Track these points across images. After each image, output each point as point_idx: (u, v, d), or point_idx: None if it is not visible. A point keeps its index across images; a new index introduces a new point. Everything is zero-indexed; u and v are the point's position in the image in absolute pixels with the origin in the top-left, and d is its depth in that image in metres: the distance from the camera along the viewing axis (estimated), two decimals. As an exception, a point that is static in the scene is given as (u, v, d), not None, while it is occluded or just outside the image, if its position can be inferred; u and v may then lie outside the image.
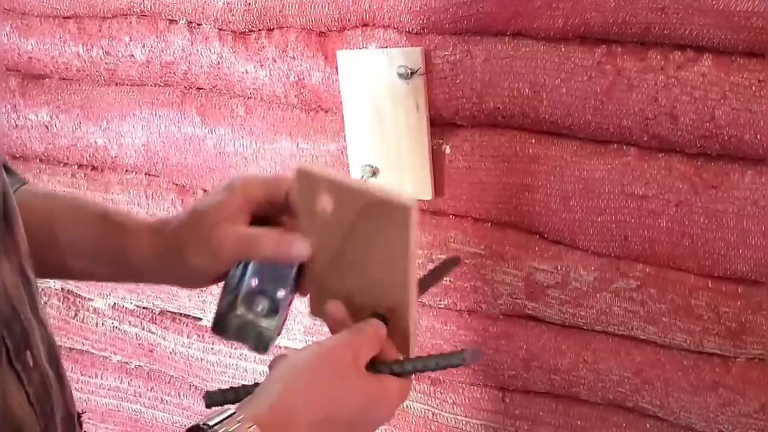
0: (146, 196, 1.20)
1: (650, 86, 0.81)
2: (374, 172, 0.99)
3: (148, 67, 1.12)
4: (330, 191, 0.57)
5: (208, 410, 0.56)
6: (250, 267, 0.62)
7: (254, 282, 0.62)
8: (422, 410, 1.09)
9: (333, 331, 0.61)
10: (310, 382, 0.53)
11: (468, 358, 0.58)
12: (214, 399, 0.60)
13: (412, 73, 0.91)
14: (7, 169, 0.67)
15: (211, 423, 0.50)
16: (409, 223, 0.55)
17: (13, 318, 0.51)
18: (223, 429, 0.50)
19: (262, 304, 0.62)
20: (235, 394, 0.59)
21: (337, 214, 0.57)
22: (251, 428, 0.49)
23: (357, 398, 0.55)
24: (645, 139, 0.84)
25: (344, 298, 0.61)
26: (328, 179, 0.57)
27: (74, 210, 0.67)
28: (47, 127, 1.23)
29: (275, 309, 0.62)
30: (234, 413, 0.50)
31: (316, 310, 0.64)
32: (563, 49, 0.85)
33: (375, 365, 0.58)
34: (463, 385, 1.06)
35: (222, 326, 0.63)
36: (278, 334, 0.62)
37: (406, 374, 0.59)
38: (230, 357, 1.24)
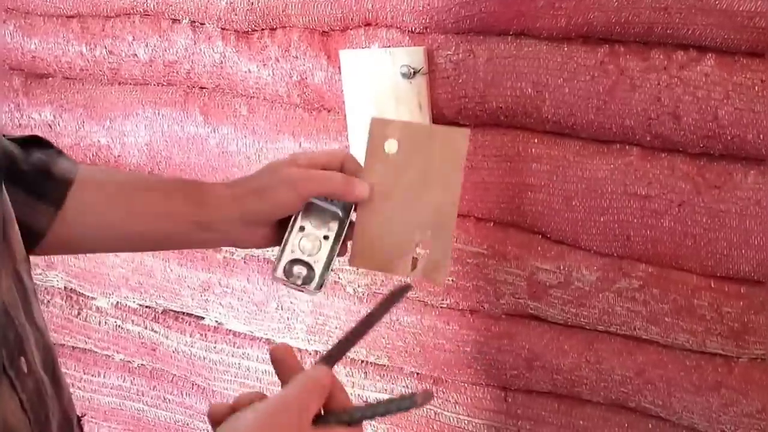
0: (149, 195, 1.20)
1: (653, 86, 0.81)
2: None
3: (151, 66, 1.12)
4: (399, 132, 0.73)
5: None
6: (301, 214, 0.73)
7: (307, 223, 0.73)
8: (424, 410, 1.09)
9: (281, 375, 0.60)
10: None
11: (419, 401, 0.56)
12: None
13: (414, 73, 0.91)
14: (60, 153, 0.72)
15: None
16: (466, 144, 0.71)
17: (7, 324, 0.50)
18: None
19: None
20: None
21: (401, 152, 0.72)
22: None
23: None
24: (648, 138, 0.84)
25: (386, 237, 0.72)
26: (399, 122, 0.74)
27: (146, 179, 0.78)
28: (50, 126, 1.23)
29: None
30: None
31: (357, 259, 0.73)
32: (566, 49, 0.85)
33: (324, 416, 0.57)
34: (466, 385, 1.06)
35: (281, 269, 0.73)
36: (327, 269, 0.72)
37: (355, 423, 0.57)
38: (232, 356, 1.24)
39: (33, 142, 0.71)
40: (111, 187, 0.73)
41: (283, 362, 0.60)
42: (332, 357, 0.61)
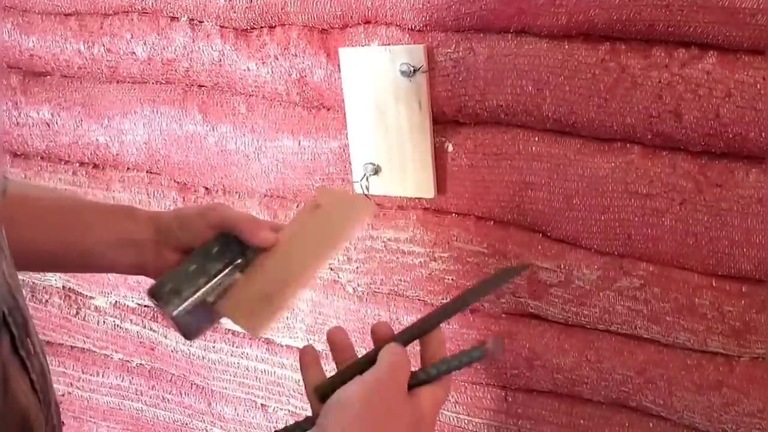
0: (148, 194, 1.20)
1: (654, 84, 0.81)
2: (376, 170, 0.99)
3: (149, 64, 1.11)
4: (326, 196, 0.76)
5: None
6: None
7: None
8: (424, 409, 1.09)
9: (337, 357, 0.66)
10: (363, 421, 0.56)
11: (491, 348, 0.60)
12: None
13: (414, 71, 0.91)
14: None
15: None
16: (365, 214, 0.72)
17: (14, 306, 0.51)
18: None
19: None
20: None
21: (319, 215, 0.74)
22: None
23: (404, 424, 0.58)
24: (649, 137, 0.84)
25: (256, 286, 0.70)
26: (331, 189, 0.76)
27: (75, 198, 0.76)
28: (48, 125, 1.22)
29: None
30: None
31: (226, 304, 0.72)
32: (567, 47, 0.84)
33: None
34: (466, 384, 1.06)
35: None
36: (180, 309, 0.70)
37: (432, 379, 0.61)
38: (231, 355, 1.23)
39: None
40: (40, 202, 0.74)
41: (341, 344, 0.66)
42: (409, 335, 0.65)
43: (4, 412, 0.46)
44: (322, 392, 0.63)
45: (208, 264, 0.72)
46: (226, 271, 0.72)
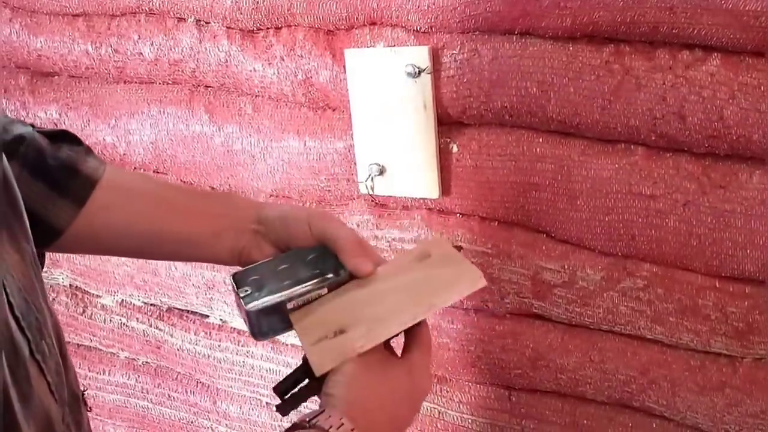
0: (154, 194, 1.20)
1: (658, 86, 0.81)
2: (381, 171, 1.00)
3: (156, 65, 1.12)
4: (438, 248, 0.72)
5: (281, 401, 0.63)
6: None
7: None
8: (429, 409, 1.09)
9: None
10: (367, 384, 0.61)
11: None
12: (284, 387, 0.65)
13: (419, 72, 0.92)
14: (89, 151, 0.72)
15: (310, 420, 0.56)
16: (473, 287, 0.65)
17: (28, 310, 0.51)
18: (320, 423, 0.55)
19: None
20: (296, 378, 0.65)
21: (425, 263, 0.70)
22: (342, 420, 0.56)
23: (397, 380, 0.62)
24: (653, 138, 0.84)
25: (336, 318, 0.65)
26: (448, 246, 0.71)
27: (176, 185, 0.78)
28: (56, 125, 1.23)
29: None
30: (323, 411, 0.57)
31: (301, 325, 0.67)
32: (571, 48, 0.85)
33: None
34: (470, 384, 1.06)
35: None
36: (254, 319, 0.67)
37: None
38: (237, 354, 1.24)
39: (63, 138, 0.71)
40: (137, 189, 0.73)
41: None
42: None
43: (28, 415, 0.47)
44: (282, 389, 0.63)
45: (299, 269, 0.70)
46: (314, 281, 0.69)
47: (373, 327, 0.63)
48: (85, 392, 0.71)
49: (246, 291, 0.69)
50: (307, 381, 0.63)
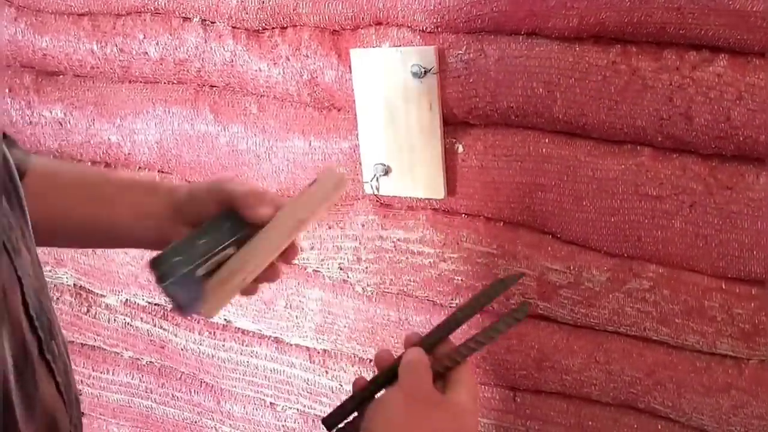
0: (159, 193, 1.20)
1: (665, 86, 0.81)
2: (386, 171, 1.00)
3: (161, 64, 1.12)
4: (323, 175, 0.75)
5: None
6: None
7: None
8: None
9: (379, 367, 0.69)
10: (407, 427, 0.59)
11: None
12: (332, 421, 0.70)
13: (425, 72, 0.91)
14: (13, 143, 0.71)
15: None
16: (334, 191, 0.71)
17: (41, 310, 0.51)
18: None
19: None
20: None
21: (312, 194, 0.73)
22: None
23: (442, 421, 0.60)
24: (659, 139, 0.84)
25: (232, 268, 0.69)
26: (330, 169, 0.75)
27: (98, 171, 0.77)
28: (61, 124, 1.23)
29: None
30: None
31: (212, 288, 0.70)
32: (578, 49, 0.85)
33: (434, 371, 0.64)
34: (474, 385, 1.06)
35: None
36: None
37: (463, 358, 0.65)
38: (241, 354, 1.24)
39: None
40: (65, 175, 0.74)
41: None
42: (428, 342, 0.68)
43: (34, 414, 0.47)
44: (329, 422, 0.66)
45: (208, 238, 0.71)
46: (222, 245, 0.71)
47: (248, 258, 0.67)
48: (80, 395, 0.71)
49: (159, 272, 0.70)
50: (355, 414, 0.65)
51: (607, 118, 0.85)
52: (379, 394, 0.67)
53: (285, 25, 1.02)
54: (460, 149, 0.95)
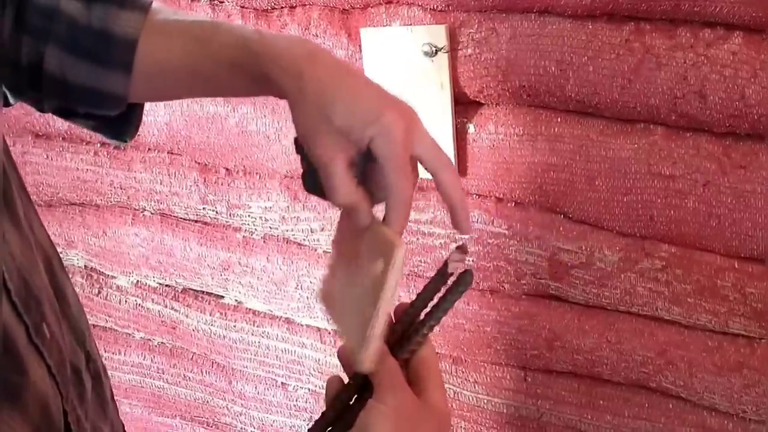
0: (168, 175, 1.20)
1: (679, 64, 0.80)
2: (397, 151, 0.99)
3: (170, 45, 1.11)
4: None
5: None
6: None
7: None
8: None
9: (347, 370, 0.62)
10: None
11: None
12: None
13: (436, 51, 0.91)
14: (122, 3, 0.63)
15: None
16: (392, 260, 0.55)
17: (27, 293, 0.50)
18: None
19: None
20: None
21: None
22: None
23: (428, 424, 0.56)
24: (673, 118, 0.83)
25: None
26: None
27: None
28: (70, 106, 1.23)
29: None
30: None
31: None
32: (590, 27, 0.84)
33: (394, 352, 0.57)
34: (485, 364, 1.06)
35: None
36: None
37: (419, 346, 0.58)
38: (252, 335, 1.25)
39: None
40: (176, 29, 0.64)
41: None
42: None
43: (26, 401, 0.47)
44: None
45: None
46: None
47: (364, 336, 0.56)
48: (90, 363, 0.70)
49: None
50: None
51: (620, 97, 0.84)
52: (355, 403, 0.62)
53: (294, 5, 1.01)
54: (471, 129, 0.95)
